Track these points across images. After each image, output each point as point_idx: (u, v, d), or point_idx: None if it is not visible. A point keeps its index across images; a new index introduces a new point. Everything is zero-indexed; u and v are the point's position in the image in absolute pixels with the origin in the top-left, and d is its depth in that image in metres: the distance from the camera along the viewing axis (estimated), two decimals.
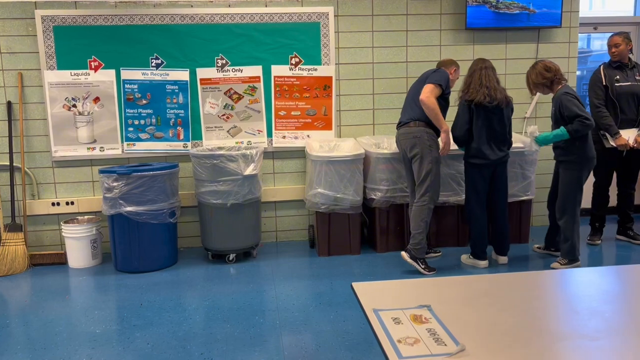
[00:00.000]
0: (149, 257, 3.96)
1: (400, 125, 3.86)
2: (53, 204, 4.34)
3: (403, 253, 3.78)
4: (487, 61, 3.75)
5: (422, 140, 3.70)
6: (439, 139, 3.77)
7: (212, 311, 3.22)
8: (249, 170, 3.97)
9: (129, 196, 3.83)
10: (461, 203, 4.22)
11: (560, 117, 3.62)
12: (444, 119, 3.73)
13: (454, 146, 3.84)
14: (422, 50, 4.61)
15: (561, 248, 3.78)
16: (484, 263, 3.86)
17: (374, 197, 4.17)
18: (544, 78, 3.68)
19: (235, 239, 4.08)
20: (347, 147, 4.44)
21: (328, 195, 4.08)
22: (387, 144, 4.54)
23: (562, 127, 3.58)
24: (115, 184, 3.83)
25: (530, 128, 3.82)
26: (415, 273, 3.74)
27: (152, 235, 3.94)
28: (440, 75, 3.73)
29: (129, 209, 3.84)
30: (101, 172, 3.92)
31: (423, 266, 3.76)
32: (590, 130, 3.60)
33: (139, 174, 3.83)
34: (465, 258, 3.98)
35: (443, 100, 3.77)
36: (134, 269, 3.95)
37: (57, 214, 4.36)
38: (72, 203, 4.36)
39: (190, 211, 4.46)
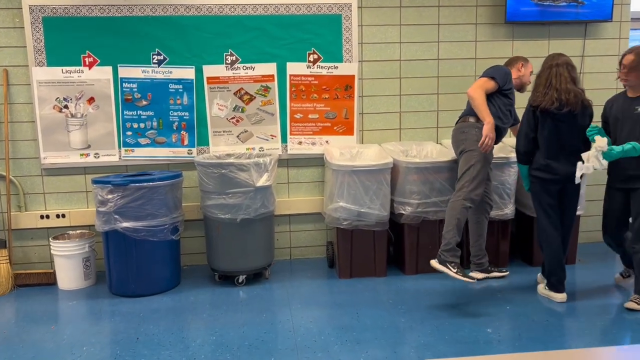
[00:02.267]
0: (147, 279, 3.48)
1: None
2: (42, 217, 3.87)
3: (432, 261, 3.28)
4: (560, 57, 3.17)
5: (469, 135, 3.40)
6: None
7: (219, 349, 2.73)
8: (262, 181, 3.49)
9: (125, 210, 3.36)
10: (503, 218, 3.74)
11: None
12: (511, 118, 3.50)
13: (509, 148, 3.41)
14: (456, 47, 4.11)
15: (638, 284, 3.12)
16: (560, 297, 3.24)
17: (403, 212, 3.68)
18: None
19: (245, 259, 3.59)
20: (371, 155, 3.96)
21: (351, 210, 3.59)
22: (415, 151, 4.05)
23: (633, 142, 3.00)
24: (109, 196, 3.35)
25: (600, 141, 3.00)
26: (461, 304, 3.25)
27: (152, 255, 3.47)
28: (495, 69, 3.45)
29: (125, 224, 3.37)
30: (94, 182, 3.45)
31: (455, 270, 3.21)
32: None
33: (137, 185, 3.36)
34: (541, 288, 3.38)
35: (503, 97, 3.44)
36: (130, 292, 3.47)
37: (47, 228, 3.89)
38: (63, 216, 3.89)
39: (196, 225, 3.99)
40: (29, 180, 3.87)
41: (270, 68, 3.96)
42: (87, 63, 3.80)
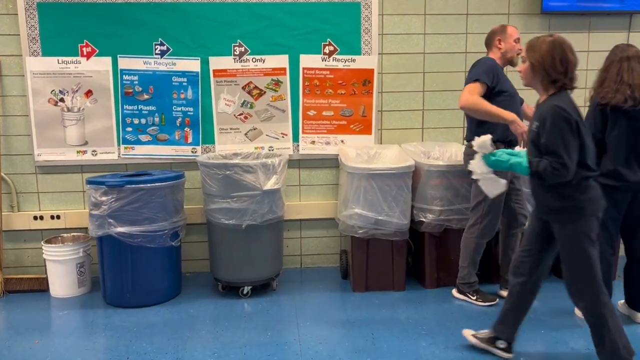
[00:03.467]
0: (144, 289, 3.20)
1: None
2: (35, 218, 3.62)
3: (453, 290, 3.25)
4: (630, 48, 2.78)
5: None
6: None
7: None
8: (270, 184, 3.18)
9: (120, 214, 3.07)
10: None
11: (536, 140, 2.26)
12: (521, 115, 3.06)
13: None
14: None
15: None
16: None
17: (424, 219, 3.34)
18: (554, 65, 2.23)
19: (251, 268, 3.29)
20: (390, 157, 3.63)
21: (367, 217, 3.26)
22: (438, 153, 3.70)
23: (526, 157, 2.28)
24: (104, 198, 3.07)
25: (481, 139, 2.35)
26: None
27: (149, 263, 3.18)
28: (477, 70, 3.04)
29: (120, 229, 3.08)
30: (88, 182, 3.17)
31: (474, 297, 3.19)
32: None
33: (134, 186, 3.07)
34: (621, 305, 3.04)
35: (498, 95, 3.02)
36: (126, 303, 3.20)
37: (40, 229, 3.64)
38: (58, 217, 3.63)
39: (200, 229, 3.70)
40: (22, 178, 3.61)
41: (282, 60, 3.64)
42: (84, 53, 3.53)
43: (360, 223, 3.28)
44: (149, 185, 3.11)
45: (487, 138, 2.34)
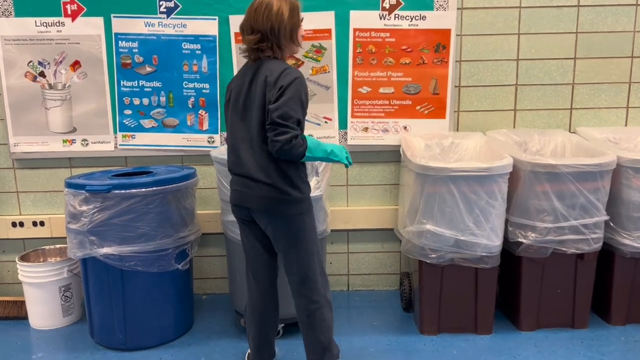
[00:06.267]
0: (141, 328, 2.40)
1: None
2: (14, 225, 2.87)
3: None
4: None
5: None
6: None
7: None
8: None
9: (106, 229, 2.27)
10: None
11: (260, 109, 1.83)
12: None
13: None
14: None
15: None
16: None
17: (523, 239, 2.39)
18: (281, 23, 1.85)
19: (283, 302, 2.43)
20: (472, 150, 2.68)
21: (444, 237, 2.33)
22: (539, 144, 2.73)
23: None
24: (84, 207, 2.27)
25: None
26: None
27: (147, 293, 2.38)
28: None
29: (106, 250, 2.28)
30: (67, 184, 2.37)
31: None
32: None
33: (124, 192, 2.25)
34: None
35: None
36: (118, 344, 2.41)
37: (22, 238, 2.90)
38: (42, 224, 2.88)
39: (218, 240, 2.89)
40: None
41: (325, 19, 2.71)
42: (69, 12, 2.70)
43: (434, 244, 2.36)
44: (144, 190, 2.28)
45: None
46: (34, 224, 2.87)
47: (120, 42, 2.75)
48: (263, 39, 1.84)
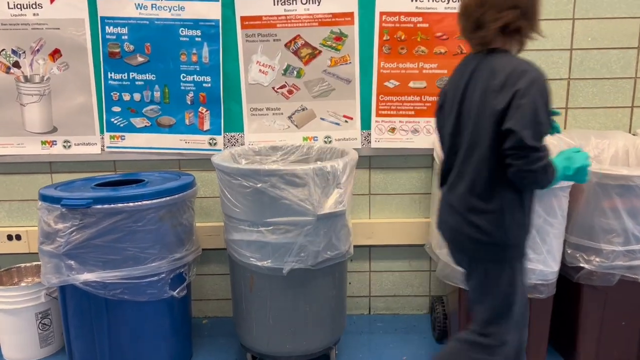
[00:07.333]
0: None
1: None
2: None
3: None
4: None
5: None
6: None
7: None
8: (329, 205, 1.90)
9: (85, 252, 1.89)
10: None
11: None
12: None
13: None
14: None
15: None
16: None
17: (585, 264, 2.01)
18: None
19: (297, 336, 2.06)
20: None
21: None
22: (596, 149, 2.33)
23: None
24: (60, 225, 1.89)
25: None
26: None
27: (136, 325, 2.00)
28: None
29: (86, 276, 1.90)
30: (41, 197, 1.99)
31: None
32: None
33: (107, 206, 1.87)
34: None
35: None
36: None
37: None
38: (18, 237, 2.51)
39: (221, 256, 2.52)
40: None
41: (347, 1, 2.32)
42: None
43: None
44: (132, 204, 1.89)
45: None
46: (9, 237, 2.50)
47: (107, 27, 2.35)
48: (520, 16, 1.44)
